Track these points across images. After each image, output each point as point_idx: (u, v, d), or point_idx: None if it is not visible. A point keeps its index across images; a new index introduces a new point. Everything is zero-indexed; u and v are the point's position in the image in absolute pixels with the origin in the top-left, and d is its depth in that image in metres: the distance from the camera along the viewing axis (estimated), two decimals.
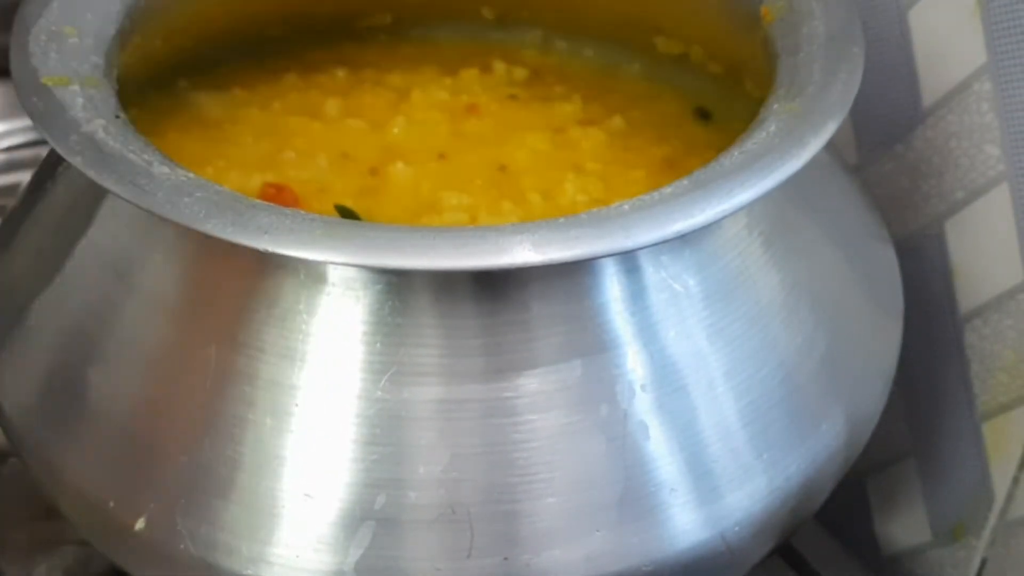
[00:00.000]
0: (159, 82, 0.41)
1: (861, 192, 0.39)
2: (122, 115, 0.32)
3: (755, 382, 0.32)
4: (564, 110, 0.43)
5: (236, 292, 0.30)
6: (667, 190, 0.29)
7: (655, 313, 0.31)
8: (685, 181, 0.30)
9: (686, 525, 0.31)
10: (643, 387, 0.31)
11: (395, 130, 0.41)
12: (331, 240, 0.28)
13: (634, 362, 0.30)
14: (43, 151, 0.39)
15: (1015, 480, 0.40)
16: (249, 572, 0.31)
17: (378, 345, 0.30)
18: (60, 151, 0.30)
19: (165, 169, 0.30)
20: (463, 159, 0.40)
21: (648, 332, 0.31)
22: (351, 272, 0.29)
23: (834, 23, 0.35)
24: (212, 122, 0.41)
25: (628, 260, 0.30)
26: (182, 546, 0.31)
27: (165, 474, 0.31)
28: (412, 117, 0.42)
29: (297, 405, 0.30)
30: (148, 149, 0.31)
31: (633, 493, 0.31)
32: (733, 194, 0.29)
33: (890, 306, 0.38)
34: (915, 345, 0.40)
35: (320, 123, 0.41)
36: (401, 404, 0.30)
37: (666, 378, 0.31)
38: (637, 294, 0.31)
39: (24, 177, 0.49)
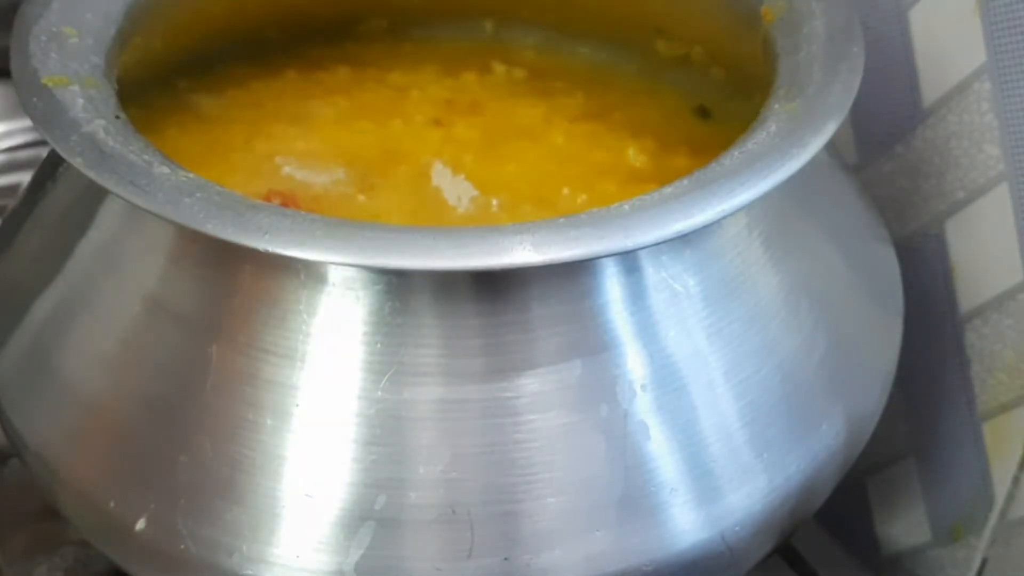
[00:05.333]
0: (159, 83, 0.41)
1: (861, 192, 0.39)
2: (122, 115, 0.32)
3: (755, 382, 0.32)
4: (565, 106, 0.43)
5: (236, 292, 0.30)
6: (667, 190, 0.29)
7: (655, 313, 0.31)
8: (685, 181, 0.30)
9: (686, 525, 0.31)
10: (643, 387, 0.31)
11: (396, 129, 0.41)
12: (331, 240, 0.28)
13: (634, 362, 0.30)
14: (43, 151, 0.39)
15: (1015, 480, 0.40)
16: (249, 572, 0.31)
17: (378, 345, 0.30)
18: (60, 152, 0.30)
19: (165, 170, 0.30)
20: (463, 157, 0.40)
21: (648, 332, 0.31)
22: (351, 272, 0.29)
23: (834, 23, 0.35)
24: (212, 122, 0.41)
25: (628, 260, 0.30)
26: (182, 546, 0.31)
27: (165, 474, 0.31)
28: (413, 116, 0.42)
29: (297, 405, 0.30)
30: (148, 150, 0.31)
31: (633, 493, 0.31)
32: (733, 194, 0.29)
33: (890, 306, 0.38)
34: (915, 345, 0.40)
35: (321, 123, 0.41)
36: (401, 404, 0.30)
37: (666, 378, 0.31)
38: (637, 294, 0.31)
39: (24, 177, 0.48)
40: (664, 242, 0.29)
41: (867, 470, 0.46)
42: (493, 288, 0.30)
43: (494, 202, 0.38)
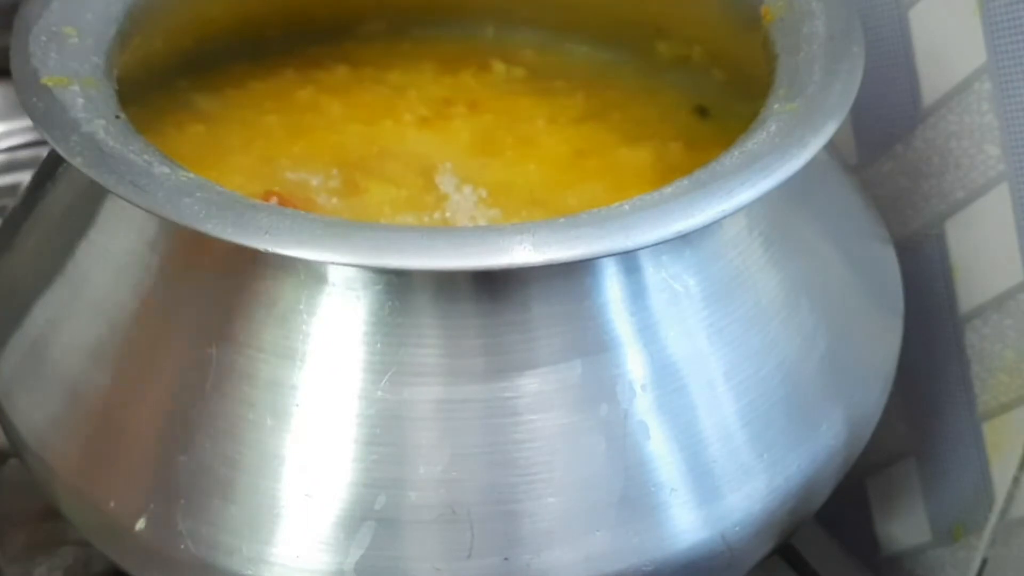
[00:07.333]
0: (159, 82, 0.41)
1: (861, 192, 0.39)
2: (122, 115, 0.32)
3: (755, 382, 0.32)
4: (564, 106, 0.43)
5: (236, 292, 0.30)
6: (667, 190, 0.29)
7: (655, 313, 0.31)
8: (685, 181, 0.30)
9: (686, 525, 0.31)
10: (643, 387, 0.31)
11: (394, 129, 0.41)
12: (331, 240, 0.28)
13: (634, 362, 0.30)
14: (43, 151, 0.39)
15: (1015, 480, 0.40)
16: (249, 572, 0.31)
17: (378, 345, 0.30)
18: (60, 152, 0.30)
19: (165, 169, 0.30)
20: (462, 157, 0.40)
21: (648, 332, 0.31)
22: (351, 272, 0.29)
23: (834, 23, 0.35)
24: (211, 122, 0.41)
25: (628, 260, 0.30)
26: (182, 546, 0.31)
27: (165, 474, 0.31)
28: (411, 115, 0.42)
29: (297, 405, 0.30)
30: (149, 149, 0.31)
31: (633, 493, 0.31)
32: (733, 194, 0.29)
33: (890, 306, 0.38)
34: (915, 345, 0.40)
35: (320, 122, 0.41)
36: (401, 404, 0.30)
37: (666, 378, 0.31)
38: (637, 294, 0.31)
39: (24, 177, 0.49)
40: (664, 242, 0.29)
41: (867, 470, 0.46)
42: (493, 288, 0.30)
43: (493, 202, 0.38)
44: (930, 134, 0.41)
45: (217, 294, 0.31)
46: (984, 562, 0.42)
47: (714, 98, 0.43)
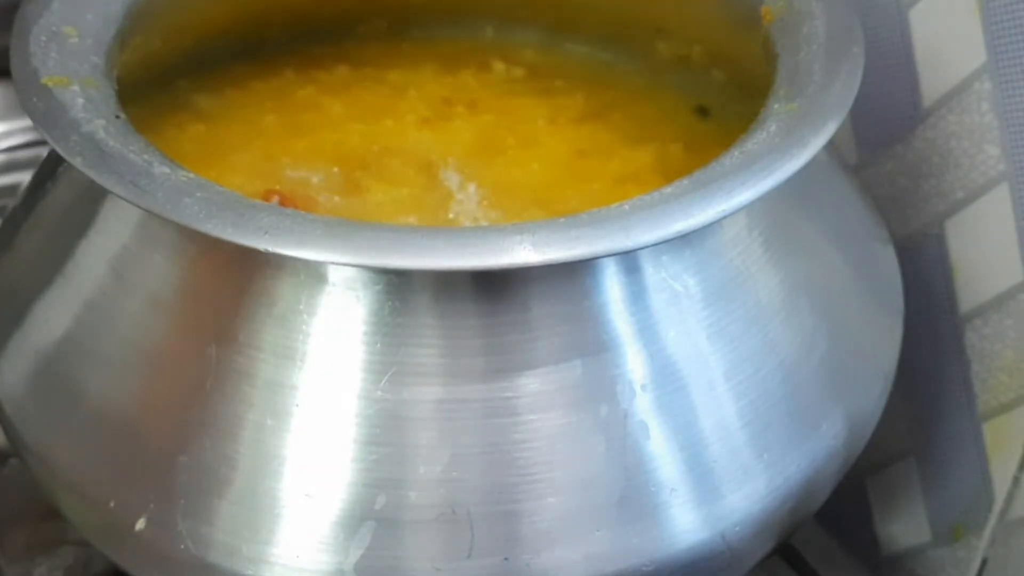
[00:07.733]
0: (159, 82, 0.41)
1: (861, 192, 0.39)
2: (122, 115, 0.32)
3: (755, 382, 0.32)
4: (565, 105, 0.43)
5: (236, 292, 0.30)
6: (667, 190, 0.29)
7: (655, 313, 0.31)
8: (685, 181, 0.30)
9: (686, 525, 0.31)
10: (643, 387, 0.31)
11: (394, 128, 0.41)
12: (331, 240, 0.28)
13: (634, 362, 0.30)
14: (43, 151, 0.39)
15: (1015, 480, 0.40)
16: (249, 572, 0.31)
17: (378, 345, 0.30)
18: (60, 151, 0.30)
19: (165, 169, 0.30)
20: (461, 157, 0.40)
21: (648, 332, 0.31)
22: (351, 272, 0.29)
23: (834, 23, 0.35)
24: (211, 122, 0.41)
25: (628, 260, 0.30)
26: (182, 546, 0.31)
27: (165, 474, 0.31)
28: (411, 115, 0.42)
29: (297, 405, 0.30)
30: (149, 149, 0.31)
31: (633, 493, 0.31)
32: (733, 194, 0.29)
33: (890, 306, 0.38)
34: (915, 345, 0.40)
35: (320, 122, 0.41)
36: (401, 404, 0.30)
37: (666, 378, 0.31)
38: (637, 294, 0.31)
39: (24, 177, 0.49)
40: (664, 242, 0.29)
41: (867, 470, 0.46)
42: (493, 288, 0.30)
43: (495, 202, 0.38)
44: (930, 134, 0.41)
45: (217, 294, 0.31)
46: (984, 562, 0.42)
47: (714, 98, 0.43)
